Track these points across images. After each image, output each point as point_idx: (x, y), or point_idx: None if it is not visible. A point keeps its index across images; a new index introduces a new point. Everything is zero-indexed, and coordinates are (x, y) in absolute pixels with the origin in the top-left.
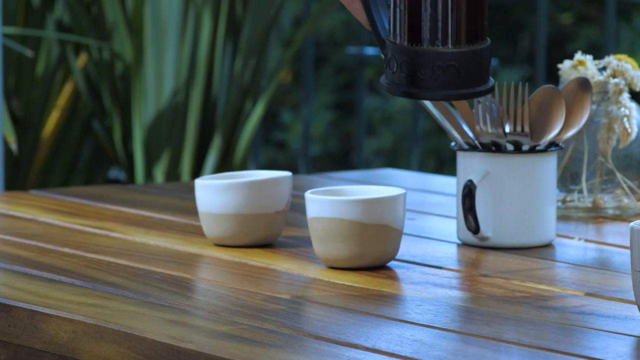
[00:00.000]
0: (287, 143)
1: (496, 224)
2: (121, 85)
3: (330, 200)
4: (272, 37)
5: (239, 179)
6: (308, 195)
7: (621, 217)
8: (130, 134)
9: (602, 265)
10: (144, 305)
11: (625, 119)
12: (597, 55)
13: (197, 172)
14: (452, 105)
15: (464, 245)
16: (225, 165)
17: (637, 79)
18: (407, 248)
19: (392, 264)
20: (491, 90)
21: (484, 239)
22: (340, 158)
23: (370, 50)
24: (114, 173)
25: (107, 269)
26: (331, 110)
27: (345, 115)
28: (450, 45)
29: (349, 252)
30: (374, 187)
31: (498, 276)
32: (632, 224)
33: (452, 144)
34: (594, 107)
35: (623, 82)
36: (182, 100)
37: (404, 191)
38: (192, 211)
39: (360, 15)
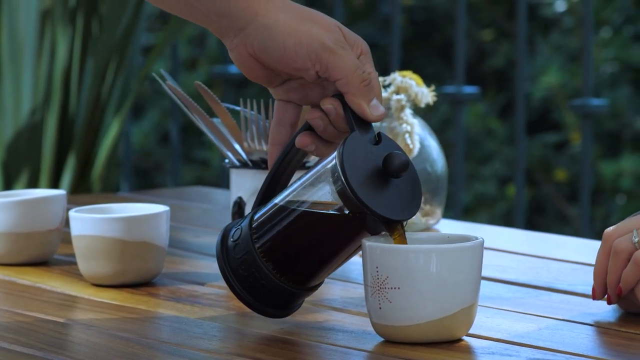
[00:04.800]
0: (210, 160)
1: None
2: None
3: (92, 218)
4: (127, 57)
5: (10, 198)
6: (72, 213)
7: (413, 232)
8: None
9: (345, 277)
10: None
11: (407, 135)
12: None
13: None
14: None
15: None
16: (82, 183)
17: (421, 95)
18: (173, 265)
19: (157, 279)
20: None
21: None
22: None
23: (234, 69)
24: None
25: None
26: None
27: None
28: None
29: (110, 269)
30: (138, 205)
31: None
32: (364, 239)
33: (225, 161)
34: (378, 124)
35: (405, 98)
36: (40, 120)
37: (166, 208)
38: None
39: (271, 157)
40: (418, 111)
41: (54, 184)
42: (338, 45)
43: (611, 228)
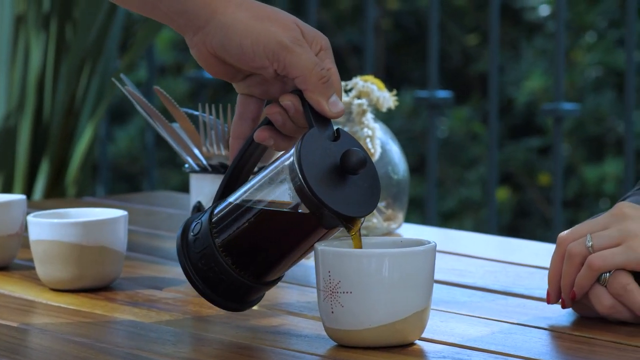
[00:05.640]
0: None
1: None
2: None
3: (50, 222)
4: (101, 61)
5: None
6: (30, 218)
7: (368, 237)
8: None
9: (303, 281)
10: None
11: (368, 140)
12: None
13: (28, 196)
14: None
15: None
16: (56, 188)
17: (383, 100)
18: (133, 269)
19: (115, 284)
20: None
21: None
22: None
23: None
24: None
25: None
26: None
27: None
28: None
29: (68, 274)
30: (97, 210)
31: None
32: (316, 243)
33: (185, 166)
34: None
35: (366, 103)
36: (14, 125)
37: (124, 213)
38: None
39: (232, 151)
40: (404, 115)
41: (28, 189)
42: (295, 44)
43: (565, 232)
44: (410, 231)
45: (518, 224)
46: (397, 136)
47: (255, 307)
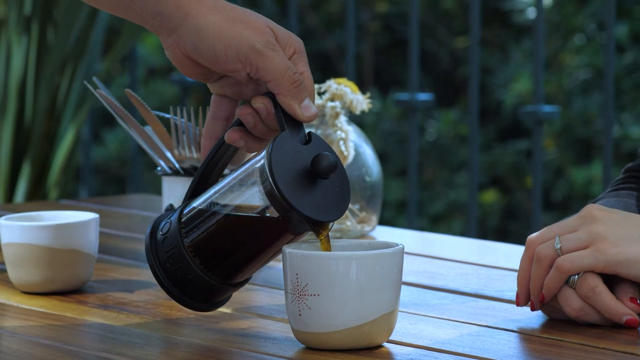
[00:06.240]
0: None
1: None
2: None
3: (21, 226)
4: (83, 63)
5: None
6: (1, 221)
7: (336, 239)
8: None
9: (274, 284)
10: None
11: (341, 142)
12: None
13: (10, 199)
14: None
15: None
16: (38, 191)
17: (356, 102)
18: (105, 272)
19: (87, 287)
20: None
21: None
22: None
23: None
24: None
25: None
26: None
27: None
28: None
29: (40, 277)
30: (68, 213)
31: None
32: (285, 246)
33: (158, 169)
34: (313, 130)
35: (340, 105)
36: None
37: (96, 216)
38: None
39: (204, 150)
40: (394, 118)
41: (10, 192)
42: (268, 48)
43: (534, 235)
44: (384, 234)
45: (506, 226)
46: (387, 138)
47: (225, 310)
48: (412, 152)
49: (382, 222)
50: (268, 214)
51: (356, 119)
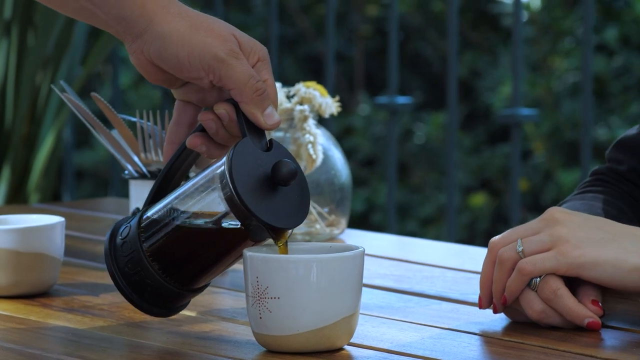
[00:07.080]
0: None
1: None
2: None
3: None
4: (63, 68)
5: None
6: None
7: (297, 242)
8: None
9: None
10: None
11: (310, 146)
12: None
13: None
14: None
15: None
16: (18, 194)
17: (325, 106)
18: (71, 275)
19: (52, 290)
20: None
21: None
22: None
23: None
24: None
25: None
26: None
27: None
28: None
29: (5, 280)
30: (35, 216)
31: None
32: (245, 249)
33: (125, 172)
34: (282, 134)
35: (308, 108)
36: None
37: (61, 219)
38: None
39: (166, 155)
40: (384, 122)
41: None
42: (231, 56)
43: (496, 237)
44: (353, 237)
45: (496, 229)
46: (376, 142)
47: (189, 313)
48: (391, 155)
49: (373, 226)
50: (227, 220)
51: (346, 123)
